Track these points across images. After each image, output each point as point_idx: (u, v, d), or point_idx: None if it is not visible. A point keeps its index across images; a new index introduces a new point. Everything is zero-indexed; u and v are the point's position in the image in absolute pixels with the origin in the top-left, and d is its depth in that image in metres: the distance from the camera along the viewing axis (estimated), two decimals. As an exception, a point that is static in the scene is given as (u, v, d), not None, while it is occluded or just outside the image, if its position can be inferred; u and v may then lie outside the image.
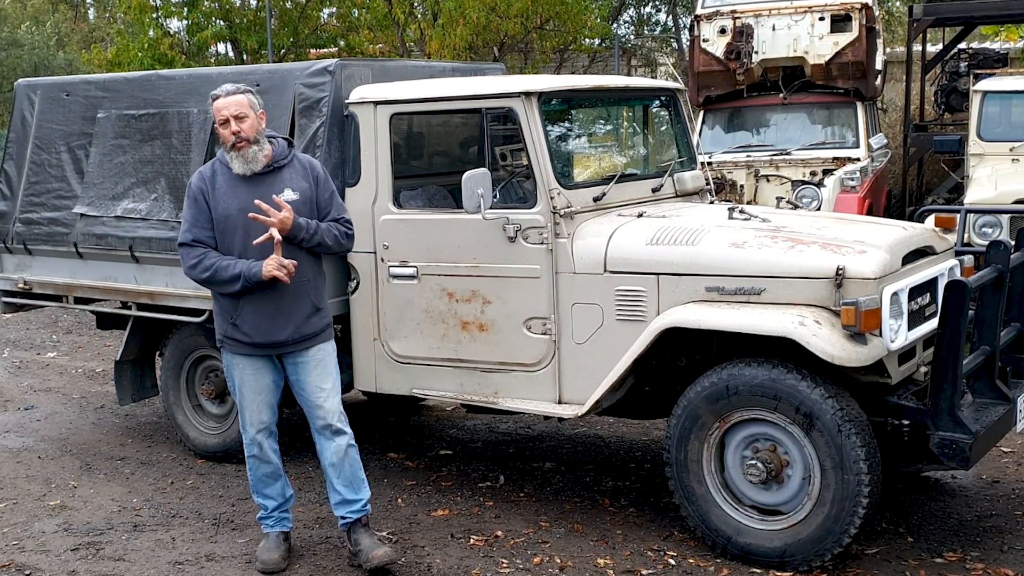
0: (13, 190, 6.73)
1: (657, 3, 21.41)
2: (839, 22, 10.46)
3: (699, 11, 11.05)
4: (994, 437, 4.63)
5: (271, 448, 4.75)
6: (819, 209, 8.93)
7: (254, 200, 4.44)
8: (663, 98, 6.15)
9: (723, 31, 10.72)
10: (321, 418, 4.64)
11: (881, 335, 4.37)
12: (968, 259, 5.29)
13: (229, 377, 4.72)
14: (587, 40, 16.49)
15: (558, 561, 4.72)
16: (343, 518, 4.73)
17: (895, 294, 4.43)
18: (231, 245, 4.52)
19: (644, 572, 4.59)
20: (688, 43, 12.19)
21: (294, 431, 6.24)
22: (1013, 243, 5.01)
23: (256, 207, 4.41)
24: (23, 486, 5.97)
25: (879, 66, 11.11)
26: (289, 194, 4.52)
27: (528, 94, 4.98)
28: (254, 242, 4.42)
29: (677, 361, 4.92)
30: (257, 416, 4.69)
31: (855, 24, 10.39)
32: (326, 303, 4.72)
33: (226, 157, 4.56)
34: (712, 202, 5.96)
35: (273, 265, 4.39)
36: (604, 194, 5.18)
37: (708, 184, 6.03)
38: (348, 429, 4.69)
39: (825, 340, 4.26)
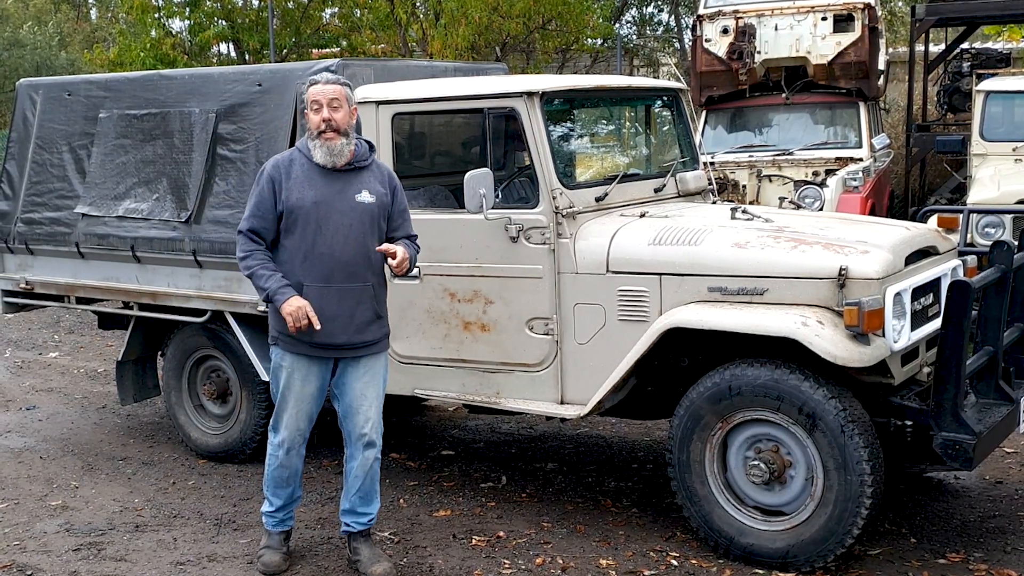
0: (15, 190, 6.73)
1: (659, 3, 21.41)
2: (842, 22, 10.47)
3: (701, 11, 11.05)
4: (997, 438, 4.63)
5: (298, 454, 4.69)
6: (821, 209, 8.92)
7: (330, 196, 4.39)
8: (665, 98, 6.14)
9: (726, 31, 10.72)
10: (359, 425, 4.57)
11: (884, 335, 4.36)
12: (971, 259, 5.29)
13: (275, 378, 4.62)
14: (589, 40, 16.49)
15: (560, 562, 4.71)
16: (346, 525, 4.72)
17: (898, 294, 4.42)
18: (299, 237, 4.41)
19: (646, 573, 4.58)
20: (690, 43, 12.20)
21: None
22: (1016, 243, 5.00)
23: (331, 202, 4.39)
24: (25, 486, 5.97)
25: (882, 66, 11.10)
26: (366, 196, 4.43)
27: (530, 94, 4.97)
28: (378, 248, 4.39)
29: (680, 361, 4.91)
30: (295, 422, 4.60)
31: (858, 24, 10.39)
32: (387, 313, 4.63)
33: (308, 145, 4.46)
34: (714, 202, 5.95)
35: (294, 313, 4.32)
36: (606, 194, 5.17)
37: (710, 184, 6.02)
38: (379, 442, 4.63)
39: (828, 340, 4.25)
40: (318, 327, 4.36)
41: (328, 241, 4.39)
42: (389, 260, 4.40)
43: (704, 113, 10.99)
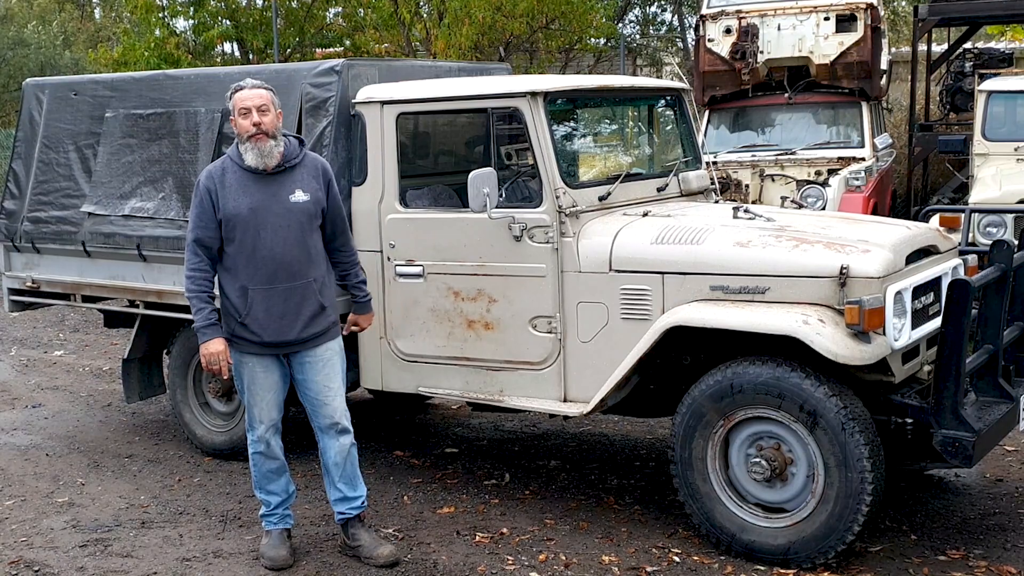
0: (21, 189, 6.76)
1: (662, 3, 21.42)
2: (844, 22, 10.48)
3: (704, 11, 11.08)
4: (997, 435, 4.65)
5: (278, 445, 4.78)
6: (824, 209, 8.94)
7: (265, 200, 4.48)
8: (668, 98, 6.17)
9: (728, 31, 10.74)
10: (328, 416, 4.67)
11: (885, 334, 4.39)
12: (972, 258, 5.31)
13: (237, 376, 4.72)
14: (592, 40, 16.53)
15: (563, 558, 4.74)
16: (341, 514, 4.78)
17: (899, 293, 4.44)
18: (240, 243, 4.51)
19: (649, 569, 4.61)
20: (693, 43, 12.23)
21: (300, 429, 6.26)
22: (1017, 242, 5.02)
23: (267, 206, 4.47)
24: (31, 483, 6.01)
25: (884, 66, 11.11)
26: (300, 195, 4.54)
27: (534, 94, 5.00)
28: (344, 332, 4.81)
29: (682, 360, 4.94)
30: (267, 414, 4.71)
31: (860, 24, 10.41)
32: (333, 301, 4.75)
33: (238, 151, 4.55)
34: (717, 202, 5.98)
35: (209, 357, 4.52)
36: (609, 193, 5.20)
37: (713, 184, 6.05)
38: (351, 427, 4.74)
39: (829, 339, 4.28)
40: (225, 376, 4.60)
41: (268, 244, 4.49)
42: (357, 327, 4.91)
43: (707, 113, 11.01)
